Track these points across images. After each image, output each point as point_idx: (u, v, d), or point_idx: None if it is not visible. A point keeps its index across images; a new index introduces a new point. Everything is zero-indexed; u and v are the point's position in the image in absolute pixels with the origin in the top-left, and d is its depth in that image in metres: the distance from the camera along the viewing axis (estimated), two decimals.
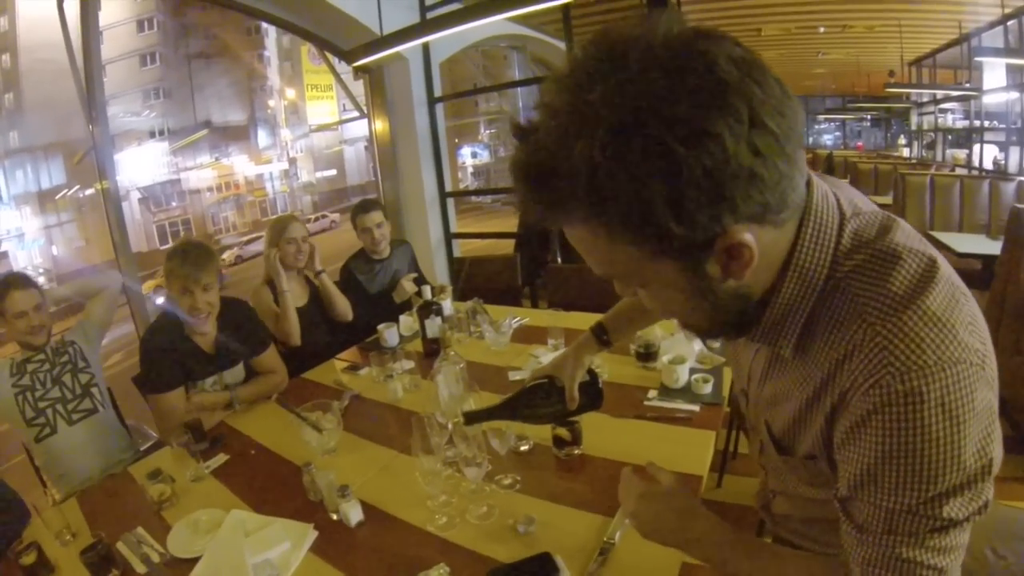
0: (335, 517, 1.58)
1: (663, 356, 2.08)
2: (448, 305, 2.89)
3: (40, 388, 2.31)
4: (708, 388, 1.93)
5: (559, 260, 4.91)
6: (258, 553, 1.46)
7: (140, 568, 1.54)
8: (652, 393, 1.98)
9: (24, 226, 25.62)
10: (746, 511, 2.23)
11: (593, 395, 1.42)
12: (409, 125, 5.21)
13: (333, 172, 36.15)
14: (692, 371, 2.03)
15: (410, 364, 2.42)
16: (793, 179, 0.63)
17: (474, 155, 33.23)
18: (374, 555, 1.46)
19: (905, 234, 0.75)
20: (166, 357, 2.30)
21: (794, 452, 0.89)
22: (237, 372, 2.50)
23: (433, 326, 2.58)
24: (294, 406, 1.97)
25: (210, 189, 31.32)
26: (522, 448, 1.77)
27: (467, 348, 2.63)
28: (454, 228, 5.52)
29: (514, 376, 2.28)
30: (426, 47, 5.11)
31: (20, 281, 2.33)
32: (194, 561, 1.49)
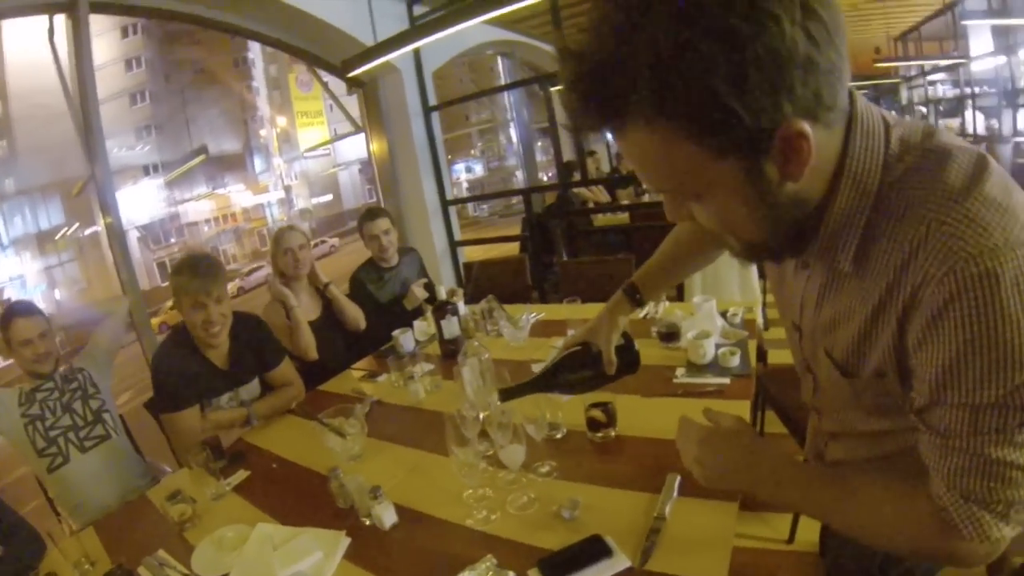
0: (367, 522, 1.50)
1: (687, 333, 2.01)
2: (462, 306, 2.82)
3: (50, 416, 2.25)
4: (736, 360, 1.87)
5: (564, 258, 4.86)
6: (288, 566, 1.38)
7: None
8: (680, 371, 1.92)
9: (25, 270, 25.64)
10: None
11: (630, 358, 1.36)
12: (406, 136, 5.22)
13: (329, 197, 36.27)
14: (718, 346, 1.97)
15: (430, 366, 2.36)
16: (842, 74, 0.64)
17: (468, 170, 33.38)
18: (413, 556, 1.38)
19: (949, 135, 0.74)
20: (179, 375, 2.24)
21: (860, 374, 0.85)
22: (252, 388, 2.44)
23: (450, 326, 2.52)
24: (314, 413, 1.90)
25: (208, 221, 31.39)
26: (556, 436, 1.69)
27: (487, 346, 2.54)
28: (458, 236, 5.50)
29: (538, 368, 2.19)
30: (418, 57, 5.12)
31: (24, 309, 2.31)
32: None
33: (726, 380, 1.80)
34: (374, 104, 5.28)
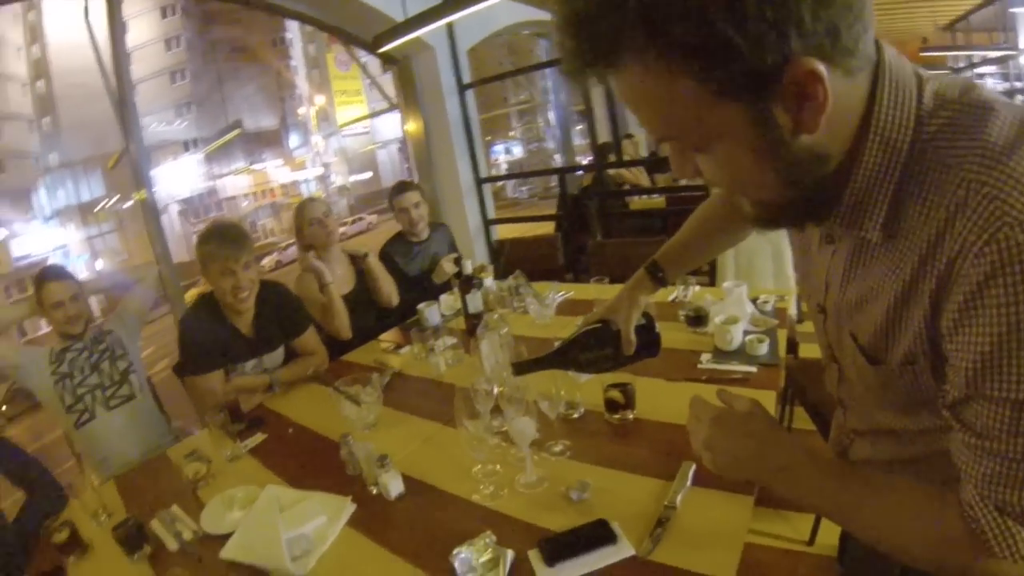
0: (374, 490, 1.48)
1: (715, 318, 1.95)
2: (489, 282, 2.78)
3: (79, 375, 2.32)
4: (764, 348, 1.80)
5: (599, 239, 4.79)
6: (293, 527, 1.37)
7: (172, 544, 1.49)
8: (705, 356, 1.86)
9: (69, 240, 26.38)
10: None
11: (650, 340, 1.31)
12: (440, 114, 5.18)
13: (368, 175, 36.48)
14: (746, 333, 1.90)
15: (453, 340, 2.33)
16: (864, 14, 0.57)
17: (507, 151, 33.21)
18: (415, 527, 1.36)
19: (990, 91, 0.65)
20: (204, 339, 2.27)
21: (888, 360, 0.76)
22: (277, 356, 2.46)
23: (475, 301, 2.48)
24: (332, 380, 1.89)
25: (246, 196, 31.86)
26: (573, 415, 1.65)
27: (511, 322, 2.49)
28: (491, 214, 5.45)
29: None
30: (452, 34, 5.07)
31: (56, 272, 2.39)
32: (227, 537, 1.43)
33: (753, 368, 1.73)
34: (409, 82, 5.26)
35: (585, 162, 6.26)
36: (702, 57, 0.56)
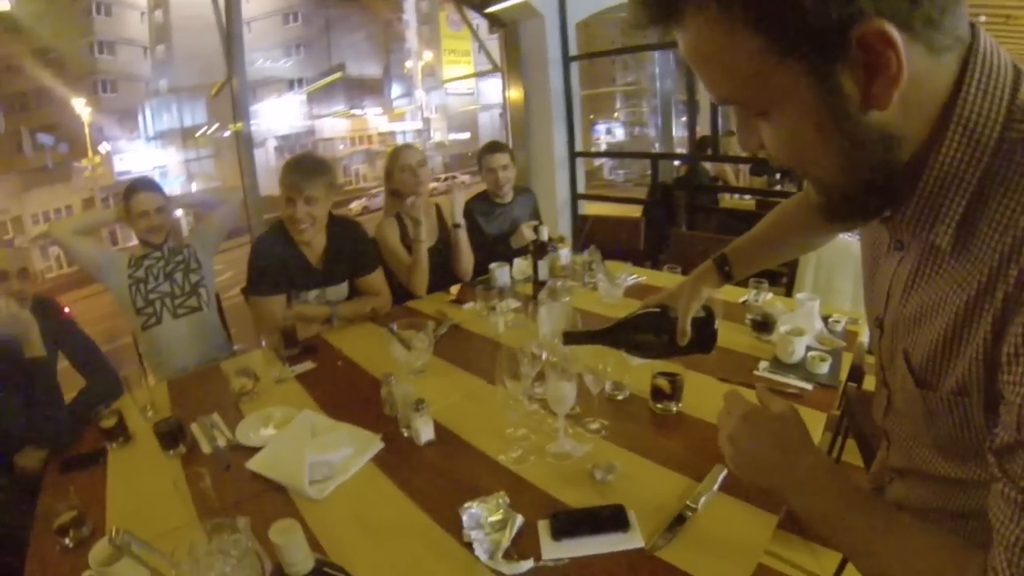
0: (406, 433, 1.49)
1: (780, 328, 1.84)
2: (566, 254, 2.72)
3: (152, 281, 2.43)
4: (824, 368, 1.68)
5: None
6: (320, 453, 1.40)
7: (206, 448, 1.57)
8: (763, 364, 1.76)
9: (168, 161, 27.71)
10: None
11: (706, 335, 1.23)
12: (543, 82, 5.09)
13: (466, 135, 36.70)
14: (809, 348, 1.78)
15: (517, 303, 2.31)
16: None
17: (608, 131, 32.73)
18: (436, 476, 1.35)
19: None
20: (272, 263, 2.32)
21: (938, 387, 0.68)
22: (341, 290, 2.50)
23: (546, 268, 2.45)
24: (388, 321, 1.91)
25: (343, 140, 32.65)
26: (618, 396, 1.60)
27: (578, 297, 2.47)
28: (581, 189, 5.36)
29: None
30: (562, 5, 4.95)
31: (146, 184, 2.47)
32: (257, 451, 1.48)
33: (809, 386, 1.62)
34: (514, 47, 5.18)
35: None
36: (763, 9, 0.52)
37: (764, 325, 1.93)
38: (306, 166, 2.29)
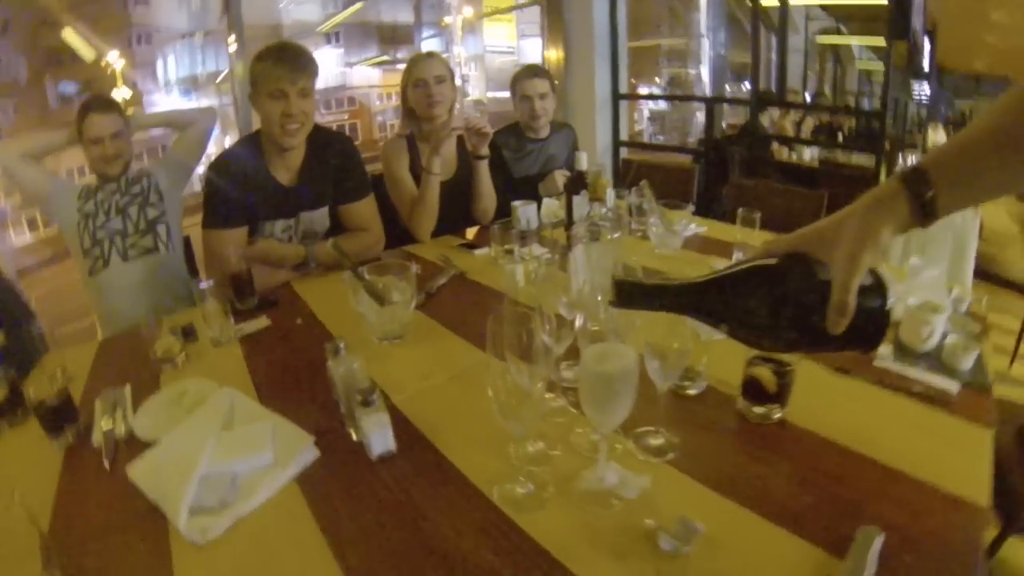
0: (354, 436, 0.96)
1: (906, 299, 1.25)
2: (610, 194, 2.12)
3: (102, 216, 2.03)
4: (969, 361, 1.11)
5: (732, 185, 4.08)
6: (224, 459, 0.92)
7: (97, 438, 1.09)
8: (884, 351, 1.18)
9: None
10: None
11: (874, 316, 0.65)
12: (586, 15, 4.49)
13: (505, 94, 36.01)
14: (945, 334, 1.20)
15: (543, 251, 1.71)
16: None
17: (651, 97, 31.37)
18: (388, 519, 0.82)
19: None
20: (230, 185, 1.81)
21: None
22: (319, 218, 1.96)
23: (583, 207, 1.87)
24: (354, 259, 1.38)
25: (379, 97, 32.15)
26: (688, 390, 1.04)
27: (625, 248, 1.87)
28: (625, 135, 4.76)
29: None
30: None
31: (102, 104, 2.06)
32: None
33: (954, 387, 1.05)
34: None
35: (734, 121, 5.44)
36: None
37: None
38: (294, 53, 1.77)
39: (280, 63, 1.75)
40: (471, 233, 2.20)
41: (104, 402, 1.17)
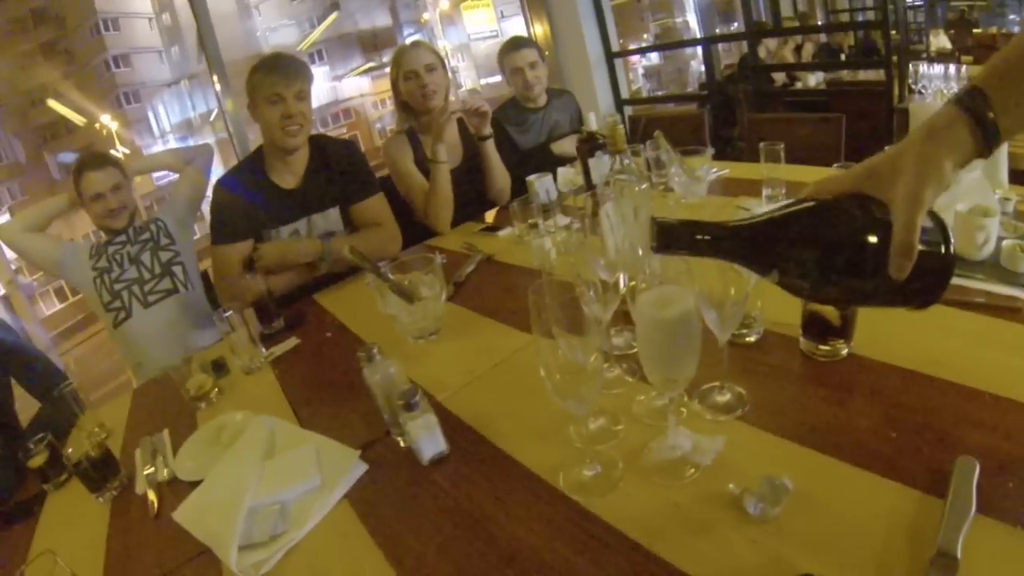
0: (402, 442, 0.91)
1: (957, 206, 1.16)
2: (623, 156, 2.04)
3: (117, 269, 2.01)
4: None
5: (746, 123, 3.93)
6: (270, 490, 0.88)
7: (140, 485, 1.07)
8: None
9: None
10: None
11: (939, 259, 0.59)
12: None
13: (497, 78, 35.84)
14: (1000, 238, 1.10)
15: (568, 220, 1.65)
16: None
17: (642, 55, 30.74)
18: (448, 523, 0.76)
19: None
20: (234, 202, 1.81)
21: None
22: (329, 219, 1.91)
23: (601, 167, 1.77)
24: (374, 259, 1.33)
25: (374, 105, 31.91)
26: (747, 337, 0.97)
27: (651, 203, 1.81)
28: (626, 94, 4.60)
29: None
30: None
31: (96, 160, 2.03)
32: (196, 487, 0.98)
33: (1018, 292, 0.95)
34: None
35: (729, 62, 5.25)
36: None
37: None
38: (287, 62, 1.79)
39: (274, 71, 1.75)
40: (491, 216, 2.13)
41: (144, 450, 1.15)
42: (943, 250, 0.59)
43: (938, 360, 0.80)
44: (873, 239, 0.57)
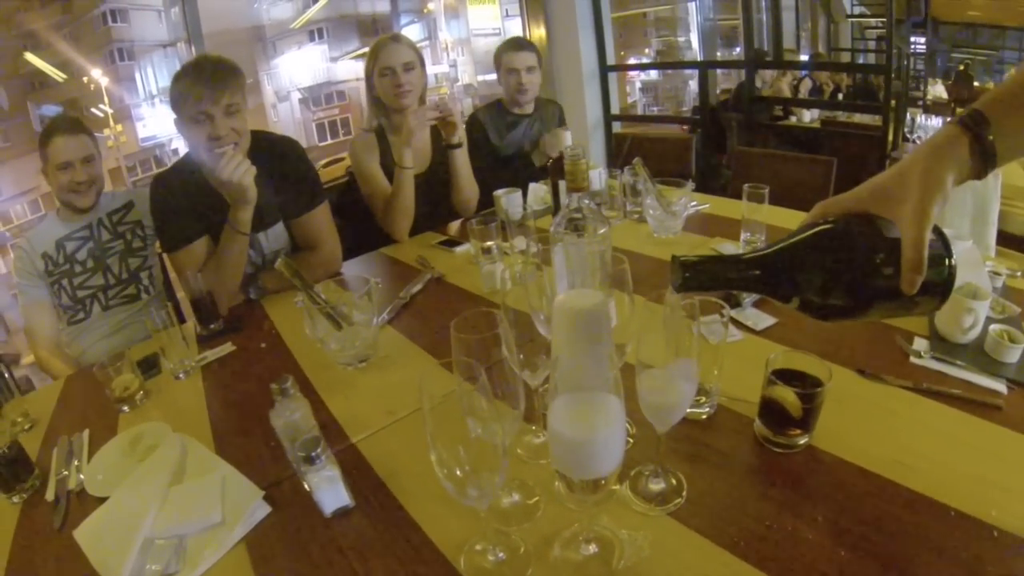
0: (307, 487, 0.83)
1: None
2: (599, 176, 1.96)
3: (81, 274, 1.83)
4: (1016, 354, 0.96)
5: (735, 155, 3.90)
6: (171, 521, 0.81)
7: (50, 492, 1.00)
8: (920, 344, 1.03)
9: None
10: None
11: (944, 270, 0.60)
12: None
13: (494, 76, 35.79)
14: (988, 320, 1.05)
15: (531, 244, 1.55)
16: None
17: (642, 71, 30.77)
18: None
19: None
20: (182, 204, 1.63)
21: None
22: (277, 235, 1.77)
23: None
24: (305, 276, 1.22)
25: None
26: (700, 414, 0.89)
27: (620, 233, 1.75)
28: (616, 109, 4.57)
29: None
30: None
31: (69, 125, 1.81)
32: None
33: (1001, 386, 0.90)
34: None
35: (727, 87, 5.20)
36: None
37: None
38: (214, 69, 1.54)
39: (198, 82, 1.52)
40: (455, 228, 2.05)
41: (61, 451, 1.08)
42: (946, 261, 0.61)
43: (904, 463, 0.75)
44: (884, 257, 0.59)
